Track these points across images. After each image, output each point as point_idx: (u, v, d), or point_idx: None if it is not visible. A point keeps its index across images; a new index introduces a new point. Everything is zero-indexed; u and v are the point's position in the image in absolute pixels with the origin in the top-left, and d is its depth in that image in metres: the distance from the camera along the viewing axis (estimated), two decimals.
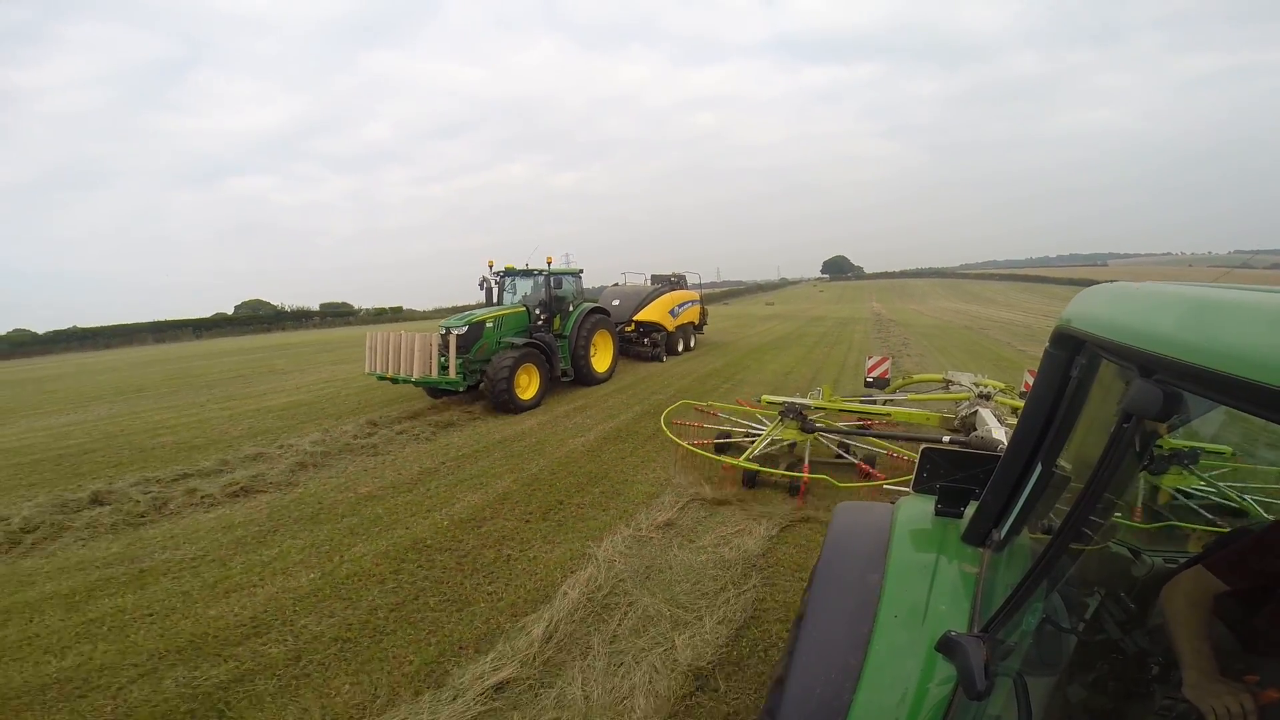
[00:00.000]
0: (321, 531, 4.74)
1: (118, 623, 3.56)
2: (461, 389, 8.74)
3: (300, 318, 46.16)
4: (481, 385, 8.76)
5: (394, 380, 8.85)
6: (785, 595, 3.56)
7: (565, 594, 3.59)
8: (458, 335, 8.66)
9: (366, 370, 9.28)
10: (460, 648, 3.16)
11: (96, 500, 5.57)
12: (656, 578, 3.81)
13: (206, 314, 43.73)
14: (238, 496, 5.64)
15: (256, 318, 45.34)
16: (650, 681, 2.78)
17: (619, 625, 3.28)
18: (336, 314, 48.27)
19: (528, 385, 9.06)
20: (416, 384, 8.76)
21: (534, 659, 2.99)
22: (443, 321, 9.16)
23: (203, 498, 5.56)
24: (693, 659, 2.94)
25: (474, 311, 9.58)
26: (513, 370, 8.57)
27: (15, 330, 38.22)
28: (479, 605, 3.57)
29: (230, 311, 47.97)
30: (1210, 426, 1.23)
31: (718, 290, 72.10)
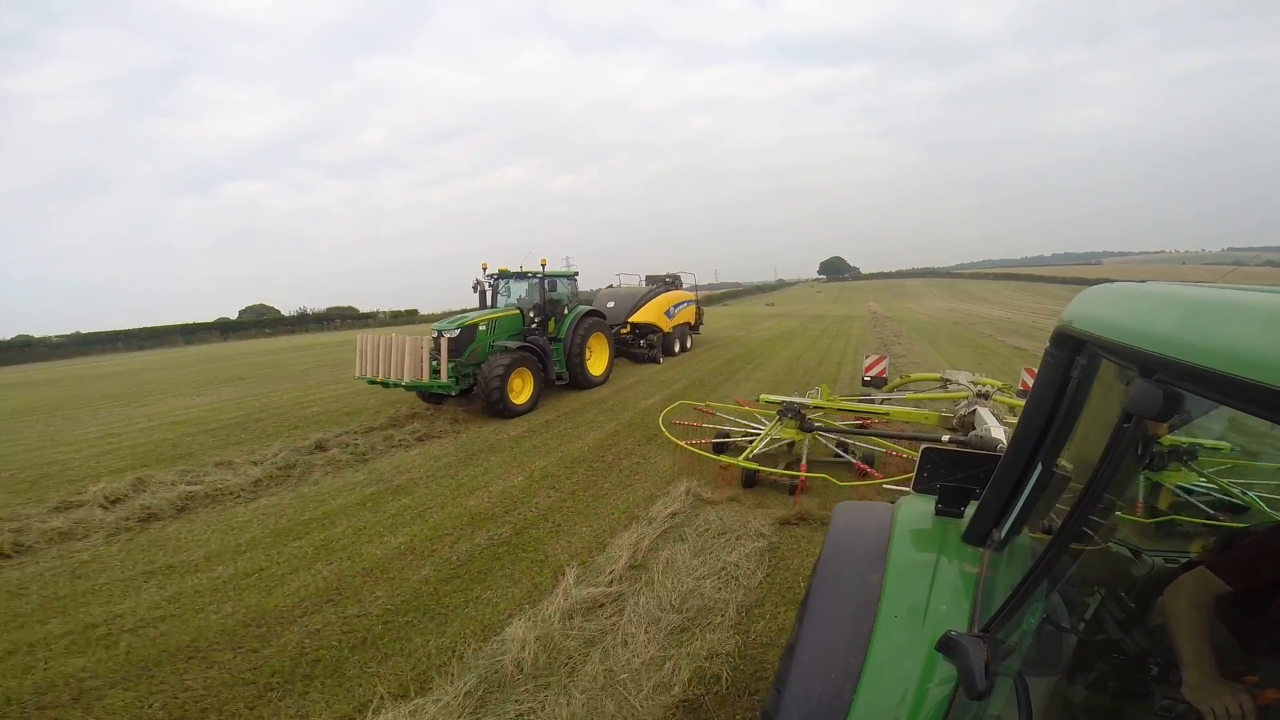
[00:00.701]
0: (496, 457, 6.88)
1: (412, 515, 5.18)
2: (454, 393, 8.63)
3: (322, 320, 47.04)
4: (474, 389, 8.64)
5: (384, 384, 8.73)
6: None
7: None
8: (450, 339, 8.55)
9: (356, 374, 9.11)
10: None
11: (320, 447, 7.29)
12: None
13: (209, 319, 44.09)
14: (422, 440, 7.69)
15: (281, 320, 46.32)
16: None
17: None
18: (355, 317, 48.90)
19: (521, 389, 8.94)
20: (407, 388, 8.65)
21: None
22: (434, 324, 9.05)
23: (399, 441, 7.59)
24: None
25: (466, 314, 9.48)
26: (505, 374, 8.46)
27: (19, 335, 38.28)
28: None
29: (234, 316, 48.33)
30: (1212, 425, 1.23)
31: (717, 292, 73.66)
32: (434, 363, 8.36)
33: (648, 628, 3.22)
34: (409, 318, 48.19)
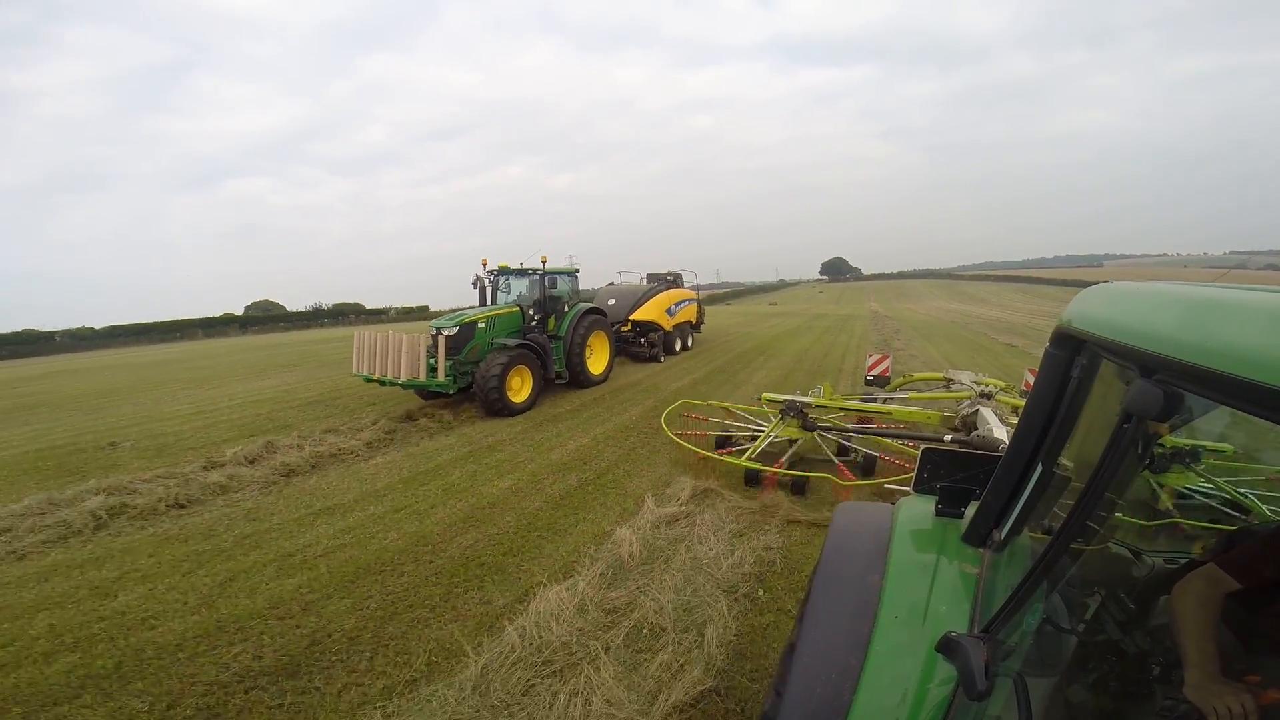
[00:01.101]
0: (562, 424, 8.05)
1: (510, 465, 6.28)
2: (451, 391, 8.54)
3: (336, 315, 47.70)
4: (472, 388, 8.55)
5: (381, 382, 8.62)
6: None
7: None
8: (448, 336, 8.47)
9: (354, 372, 9.03)
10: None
11: (409, 418, 8.36)
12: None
13: (213, 314, 45.03)
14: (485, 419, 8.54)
15: (297, 314, 47.58)
16: None
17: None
18: (368, 313, 49.45)
19: (520, 388, 8.83)
20: (404, 386, 8.53)
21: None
22: (433, 322, 8.95)
23: (476, 414, 8.64)
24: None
25: (465, 311, 9.38)
26: (504, 372, 8.34)
27: (27, 329, 38.60)
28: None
29: (240, 312, 48.78)
30: (1214, 425, 1.23)
31: (719, 291, 75.37)
32: (431, 361, 8.26)
33: (715, 533, 4.25)
34: (420, 314, 48.47)
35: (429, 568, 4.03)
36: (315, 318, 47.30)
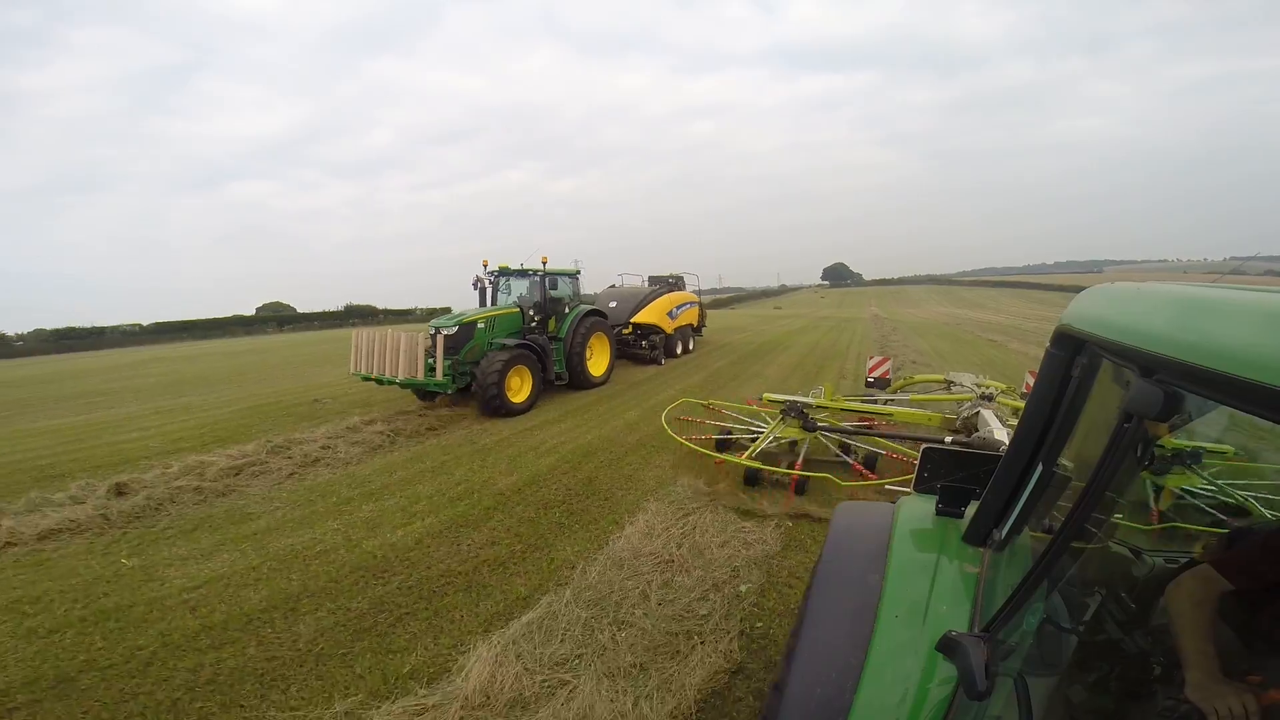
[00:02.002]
0: (579, 416, 8.74)
1: (547, 449, 6.97)
2: (450, 391, 8.52)
3: (366, 314, 49.03)
4: (472, 388, 8.52)
5: (379, 381, 8.57)
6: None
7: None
8: (447, 336, 8.45)
9: (351, 371, 8.98)
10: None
11: None
12: None
13: (222, 315, 46.01)
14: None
15: (329, 314, 49.14)
16: None
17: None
18: (397, 312, 50.05)
19: (519, 388, 8.81)
20: (402, 385, 8.47)
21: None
22: (432, 321, 8.95)
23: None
24: None
25: (465, 311, 9.38)
26: (503, 372, 8.32)
27: (36, 327, 39.32)
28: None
29: (242, 313, 49.40)
30: (1214, 426, 1.23)
31: (724, 296, 78.35)
32: (429, 360, 8.23)
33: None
34: (444, 315, 49.01)
35: (523, 513, 4.96)
36: (347, 317, 48.57)
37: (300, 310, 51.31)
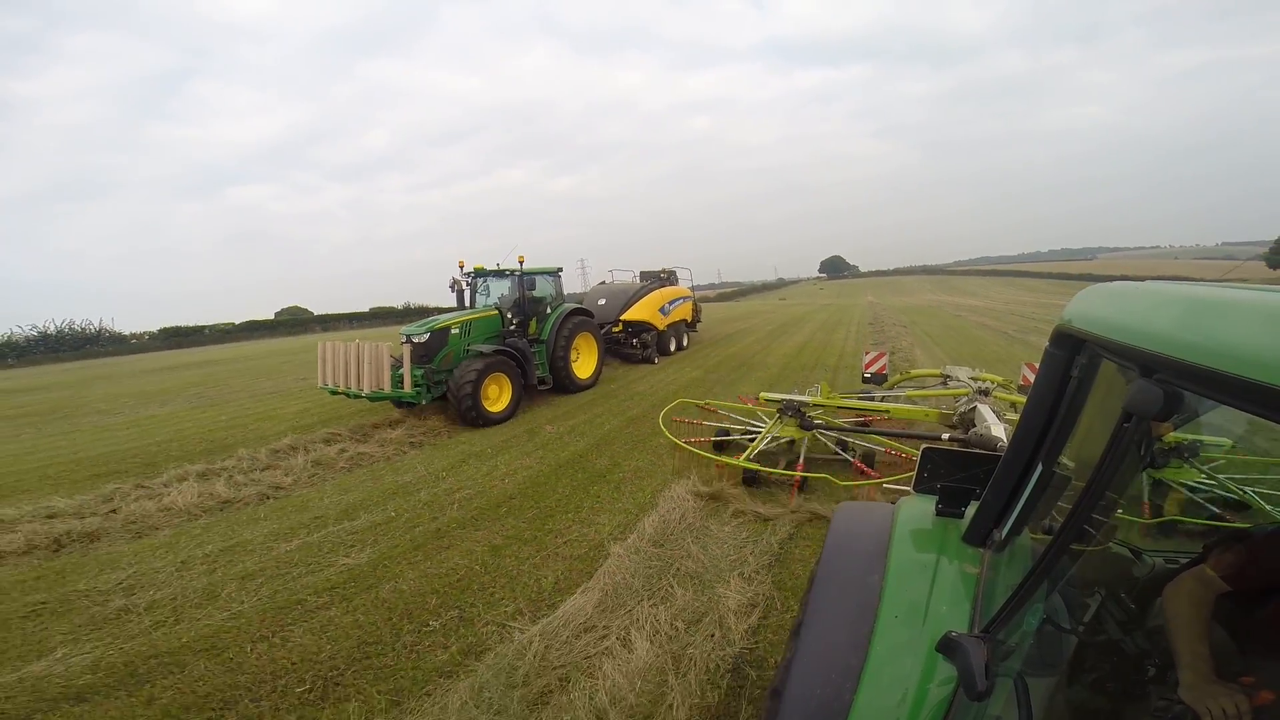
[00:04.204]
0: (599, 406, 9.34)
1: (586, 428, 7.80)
2: (422, 402, 8.06)
3: (403, 315, 49.28)
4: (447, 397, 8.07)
5: (348, 395, 8.06)
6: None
7: None
8: (418, 343, 8.04)
9: (319, 384, 8.47)
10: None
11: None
12: None
13: (237, 320, 46.27)
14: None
15: (357, 314, 49.78)
16: None
17: None
18: (427, 311, 50.79)
19: (498, 397, 8.37)
20: (371, 399, 7.91)
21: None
22: (402, 329, 8.56)
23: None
24: None
25: (437, 317, 8.89)
26: (477, 381, 7.88)
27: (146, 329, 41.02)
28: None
29: (271, 316, 49.84)
30: (1215, 421, 1.23)
31: (728, 290, 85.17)
32: (398, 370, 7.79)
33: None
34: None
35: (577, 481, 5.74)
36: (380, 317, 49.34)
37: (316, 313, 51.37)
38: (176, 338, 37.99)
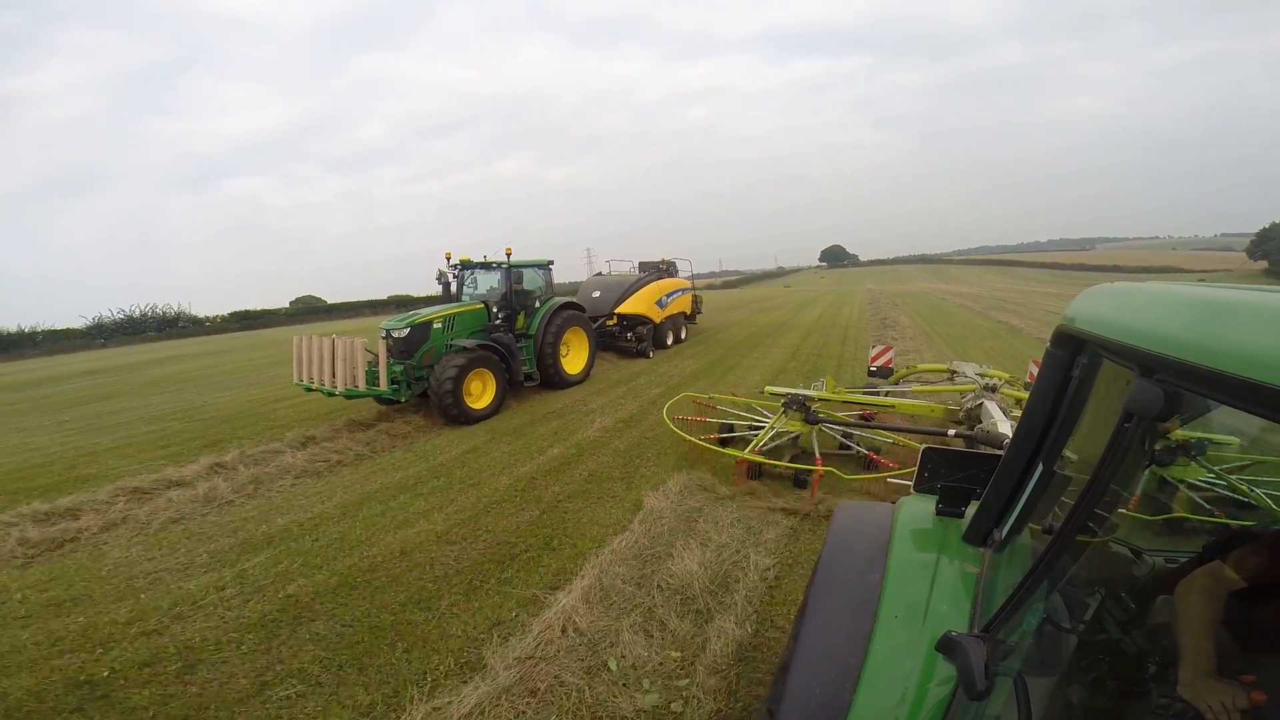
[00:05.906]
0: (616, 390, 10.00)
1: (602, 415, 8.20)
2: (402, 399, 7.81)
3: (426, 302, 50.26)
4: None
5: (325, 393, 7.68)
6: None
7: None
8: (398, 338, 7.78)
9: (295, 380, 8.07)
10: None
11: None
12: None
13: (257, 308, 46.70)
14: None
15: (378, 301, 49.60)
16: None
17: None
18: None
19: (480, 393, 8.08)
20: (346, 396, 7.53)
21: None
22: (383, 323, 8.26)
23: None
24: None
25: (419, 311, 8.60)
26: (459, 378, 7.57)
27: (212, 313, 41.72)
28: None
29: (287, 305, 50.02)
30: (1220, 419, 1.22)
31: (734, 279, 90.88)
32: (373, 367, 7.51)
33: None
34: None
35: (594, 467, 6.18)
36: (413, 304, 50.44)
37: (330, 302, 51.54)
38: (246, 320, 41.78)
